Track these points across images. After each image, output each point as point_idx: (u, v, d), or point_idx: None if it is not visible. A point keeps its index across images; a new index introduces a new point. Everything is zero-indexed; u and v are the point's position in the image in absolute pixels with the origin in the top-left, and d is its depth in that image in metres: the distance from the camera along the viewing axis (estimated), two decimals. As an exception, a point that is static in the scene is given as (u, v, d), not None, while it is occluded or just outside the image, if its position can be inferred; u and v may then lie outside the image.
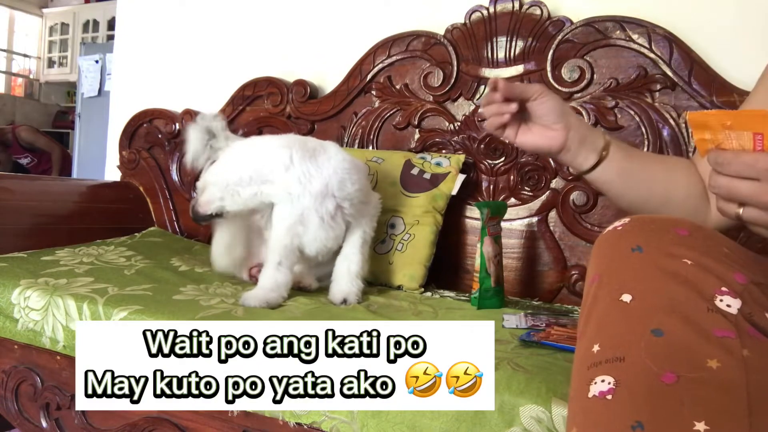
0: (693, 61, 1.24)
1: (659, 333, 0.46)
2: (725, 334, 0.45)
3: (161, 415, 0.98)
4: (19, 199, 1.44)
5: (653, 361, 0.45)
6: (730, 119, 0.53)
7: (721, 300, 0.46)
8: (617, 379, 0.46)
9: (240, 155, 1.19)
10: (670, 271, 0.49)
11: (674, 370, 0.44)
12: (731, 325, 0.45)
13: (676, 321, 0.46)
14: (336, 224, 1.16)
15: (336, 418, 0.79)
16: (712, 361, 0.44)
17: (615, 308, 0.50)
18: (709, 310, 0.46)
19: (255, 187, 1.14)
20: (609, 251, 0.54)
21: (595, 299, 0.52)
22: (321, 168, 1.14)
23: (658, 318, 0.47)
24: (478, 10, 1.44)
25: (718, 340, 0.45)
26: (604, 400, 0.46)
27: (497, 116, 0.80)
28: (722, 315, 0.46)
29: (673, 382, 0.44)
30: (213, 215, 1.17)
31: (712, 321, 0.46)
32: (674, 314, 0.47)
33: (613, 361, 0.47)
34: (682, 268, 0.48)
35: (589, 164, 0.80)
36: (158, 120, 1.83)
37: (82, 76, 4.38)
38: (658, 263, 0.49)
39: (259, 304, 1.06)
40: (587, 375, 0.48)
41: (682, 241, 0.50)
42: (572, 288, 1.31)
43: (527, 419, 0.70)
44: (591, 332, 0.51)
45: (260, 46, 1.81)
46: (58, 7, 6.05)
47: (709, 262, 0.48)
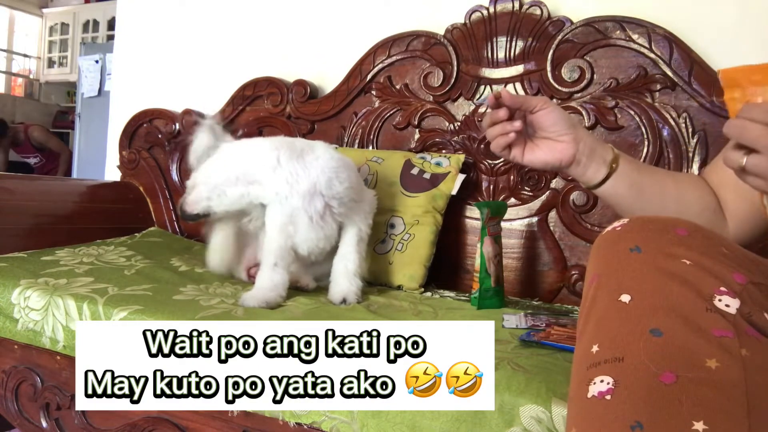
0: (693, 61, 1.24)
1: (658, 333, 0.46)
2: (724, 333, 0.45)
3: (161, 415, 0.98)
4: (19, 199, 1.44)
5: (652, 361, 0.45)
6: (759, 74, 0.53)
7: (719, 300, 0.46)
8: (616, 380, 0.46)
9: (228, 156, 1.21)
10: (669, 271, 0.49)
11: (673, 369, 0.44)
12: (730, 325, 0.45)
13: (674, 321, 0.46)
14: (326, 223, 1.17)
15: (336, 418, 0.79)
16: (711, 361, 0.44)
17: (614, 308, 0.50)
18: (707, 309, 0.46)
19: (242, 187, 1.16)
20: (608, 251, 0.54)
21: (594, 299, 0.52)
22: (308, 168, 1.15)
23: (656, 318, 0.47)
24: (478, 10, 1.44)
25: (716, 339, 0.45)
26: (603, 401, 0.46)
27: (502, 136, 0.77)
28: (721, 315, 0.46)
29: (672, 382, 0.44)
30: (200, 215, 1.20)
31: (710, 321, 0.46)
32: (673, 314, 0.47)
33: (612, 361, 0.47)
34: (681, 268, 0.48)
35: (599, 177, 0.78)
36: (158, 120, 1.83)
37: (82, 76, 4.39)
38: (656, 263, 0.49)
39: (258, 304, 1.06)
40: (586, 375, 0.48)
41: (681, 242, 0.50)
42: (572, 288, 1.31)
43: (527, 419, 0.70)
44: (590, 332, 0.51)
45: (260, 46, 1.81)
46: (58, 7, 6.05)
47: (708, 262, 0.48)
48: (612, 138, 1.31)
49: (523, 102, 0.77)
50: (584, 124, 1.31)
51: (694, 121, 1.24)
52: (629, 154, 1.28)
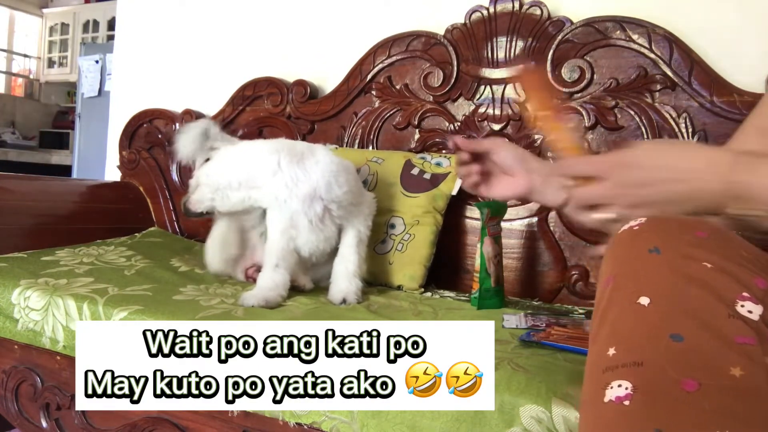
0: (693, 61, 1.24)
1: (679, 338, 0.45)
2: (746, 341, 0.44)
3: (161, 415, 0.98)
4: (19, 199, 1.44)
5: (672, 367, 0.44)
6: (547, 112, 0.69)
7: (742, 306, 0.45)
8: (635, 385, 0.44)
9: (232, 160, 1.22)
10: (690, 275, 0.47)
11: (695, 377, 0.43)
12: (752, 332, 0.44)
13: (695, 326, 0.45)
14: (325, 226, 1.19)
15: (336, 418, 0.79)
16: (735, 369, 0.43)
17: (631, 311, 0.48)
18: (730, 316, 0.45)
19: (244, 192, 1.19)
20: (625, 251, 0.52)
21: (610, 301, 0.50)
22: (308, 172, 1.16)
23: (677, 323, 0.46)
24: (478, 10, 1.44)
25: (739, 347, 0.44)
26: (621, 406, 0.44)
27: (468, 177, 0.85)
28: (743, 321, 0.45)
29: (694, 389, 0.43)
30: (203, 213, 1.24)
31: (733, 327, 0.44)
32: (694, 319, 0.45)
33: (631, 365, 0.45)
34: (702, 272, 0.47)
35: (559, 200, 0.81)
36: (158, 120, 1.83)
37: (82, 76, 4.38)
38: (676, 266, 0.48)
39: (258, 303, 1.06)
40: (602, 379, 0.47)
41: (701, 243, 0.49)
42: (572, 288, 1.31)
43: (527, 419, 0.70)
44: (605, 335, 0.49)
45: (260, 46, 1.81)
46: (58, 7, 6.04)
47: (729, 265, 0.47)
48: (612, 138, 1.31)
49: (476, 146, 0.85)
50: (584, 124, 1.31)
51: (694, 121, 1.24)
52: (629, 154, 1.29)
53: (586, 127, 1.31)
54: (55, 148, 5.38)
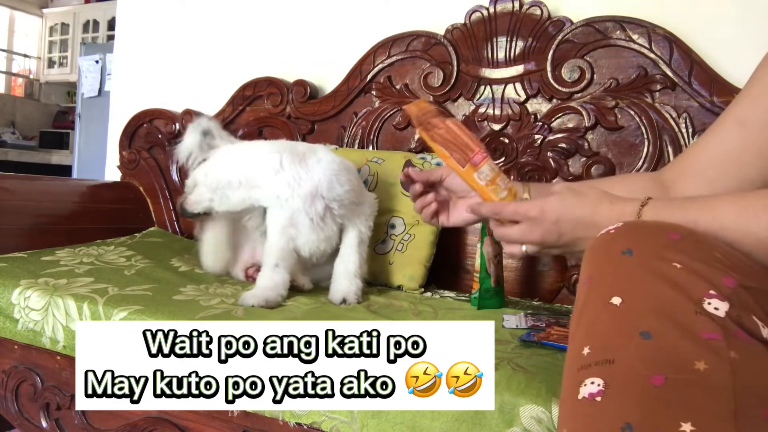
0: (693, 61, 1.24)
1: (648, 336, 0.47)
2: (712, 336, 0.45)
3: (161, 415, 0.98)
4: (19, 199, 1.44)
5: (642, 363, 0.46)
6: None
7: (709, 303, 0.47)
8: (607, 381, 0.47)
9: (231, 159, 1.21)
10: (660, 275, 0.49)
11: (662, 371, 0.45)
12: (718, 328, 0.46)
13: (664, 324, 0.47)
14: (326, 225, 1.18)
15: (336, 418, 0.79)
16: (700, 363, 0.44)
17: (605, 311, 0.50)
18: (696, 312, 0.47)
19: (244, 191, 1.17)
20: (600, 254, 0.54)
21: (586, 301, 0.53)
22: (310, 171, 1.16)
23: (647, 321, 0.47)
24: (478, 10, 1.44)
25: (705, 342, 0.45)
26: (594, 402, 0.46)
27: (425, 208, 0.86)
28: (710, 318, 0.46)
29: (661, 384, 0.44)
30: (201, 213, 1.22)
31: (699, 323, 0.46)
32: (663, 317, 0.47)
33: (603, 363, 0.48)
34: (672, 272, 0.49)
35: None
36: (158, 120, 1.83)
37: (82, 76, 4.38)
38: (648, 266, 0.50)
39: (258, 302, 1.06)
40: (577, 377, 0.49)
41: (674, 245, 0.51)
42: (572, 288, 1.31)
43: (527, 419, 0.70)
44: (581, 334, 0.51)
45: (260, 46, 1.81)
46: (58, 7, 6.04)
47: (698, 265, 0.49)
48: (612, 138, 1.31)
49: (428, 176, 0.86)
50: (584, 124, 1.31)
51: (694, 121, 1.24)
52: (629, 154, 1.29)
53: (586, 128, 1.32)
54: (55, 148, 5.39)
